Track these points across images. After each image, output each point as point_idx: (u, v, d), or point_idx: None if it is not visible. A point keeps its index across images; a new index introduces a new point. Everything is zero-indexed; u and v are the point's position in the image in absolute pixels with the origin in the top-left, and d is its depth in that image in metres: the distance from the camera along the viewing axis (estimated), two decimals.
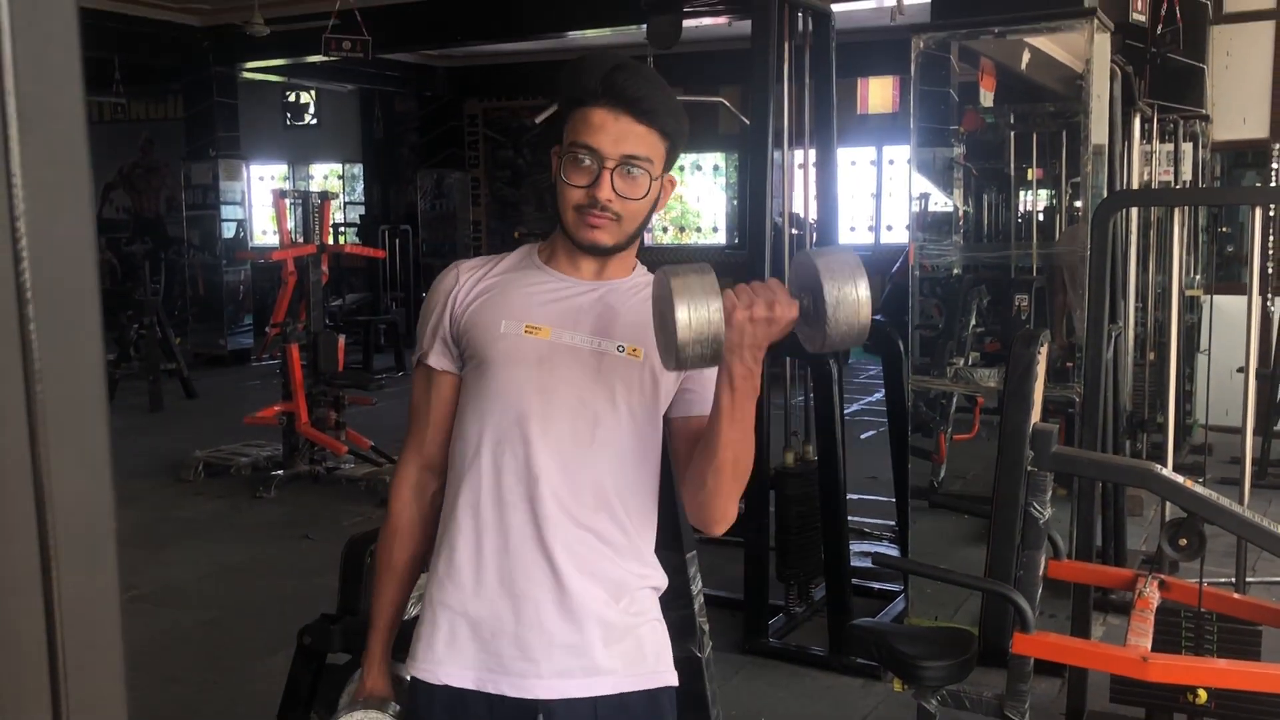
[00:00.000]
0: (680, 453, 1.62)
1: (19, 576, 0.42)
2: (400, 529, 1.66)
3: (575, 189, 1.54)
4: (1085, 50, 3.65)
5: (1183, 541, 2.67)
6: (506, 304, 1.59)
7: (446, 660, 1.55)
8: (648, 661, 1.59)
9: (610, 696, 1.54)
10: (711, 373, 1.57)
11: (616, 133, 1.52)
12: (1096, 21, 3.63)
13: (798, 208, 4.66)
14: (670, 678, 1.62)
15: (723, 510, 1.55)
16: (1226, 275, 7.77)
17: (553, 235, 1.66)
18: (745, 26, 4.03)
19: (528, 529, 1.53)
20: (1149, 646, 2.48)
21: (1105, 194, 4.19)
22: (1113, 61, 4.34)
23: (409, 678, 1.58)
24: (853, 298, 1.41)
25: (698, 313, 1.33)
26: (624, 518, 1.58)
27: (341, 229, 14.19)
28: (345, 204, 15.52)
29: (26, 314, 0.40)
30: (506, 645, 1.53)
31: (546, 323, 1.57)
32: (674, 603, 1.88)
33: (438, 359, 1.63)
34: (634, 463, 1.59)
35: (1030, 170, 5.36)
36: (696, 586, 2.59)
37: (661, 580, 1.65)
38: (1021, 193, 5.44)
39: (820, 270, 1.41)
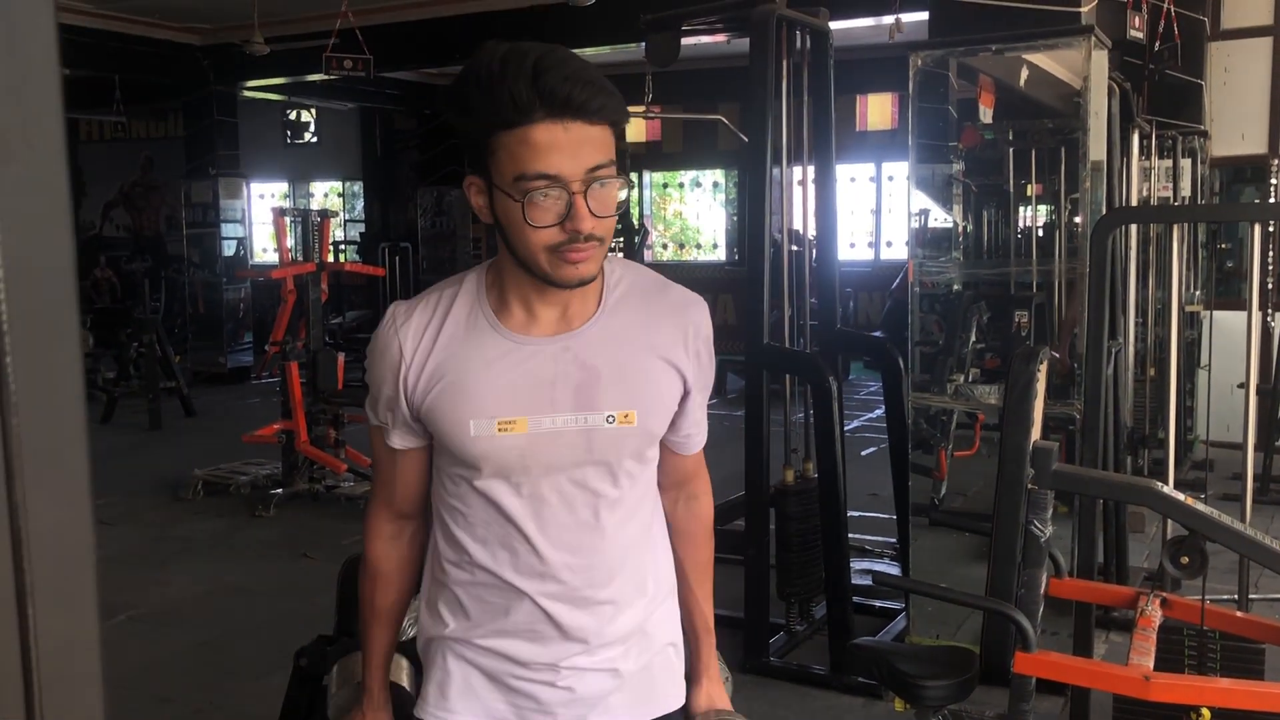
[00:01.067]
0: (662, 471, 1.60)
1: None
2: (381, 575, 1.59)
3: (546, 230, 1.30)
4: (1083, 68, 3.65)
5: (1185, 560, 2.65)
6: (468, 396, 1.40)
7: (460, 710, 1.51)
8: (656, 691, 1.58)
9: None
10: (701, 411, 1.58)
11: (572, 146, 1.27)
12: (1094, 39, 3.64)
13: (797, 224, 4.67)
14: (677, 699, 1.62)
15: None
16: (1226, 291, 7.76)
17: (498, 271, 1.44)
18: (744, 44, 4.04)
19: (538, 617, 1.46)
20: (1152, 666, 2.46)
21: (1104, 210, 4.19)
22: (1110, 78, 4.35)
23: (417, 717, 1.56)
24: None
25: None
26: (639, 577, 1.52)
27: (342, 246, 14.20)
28: (345, 221, 15.54)
29: (3, 345, 0.39)
30: (523, 699, 1.50)
31: (519, 412, 1.39)
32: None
33: (401, 439, 1.49)
34: (642, 523, 1.53)
35: (1029, 186, 5.37)
36: None
37: (674, 607, 1.63)
38: (1021, 209, 5.45)
39: None
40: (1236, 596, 3.41)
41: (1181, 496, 2.58)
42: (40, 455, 0.40)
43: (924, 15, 4.81)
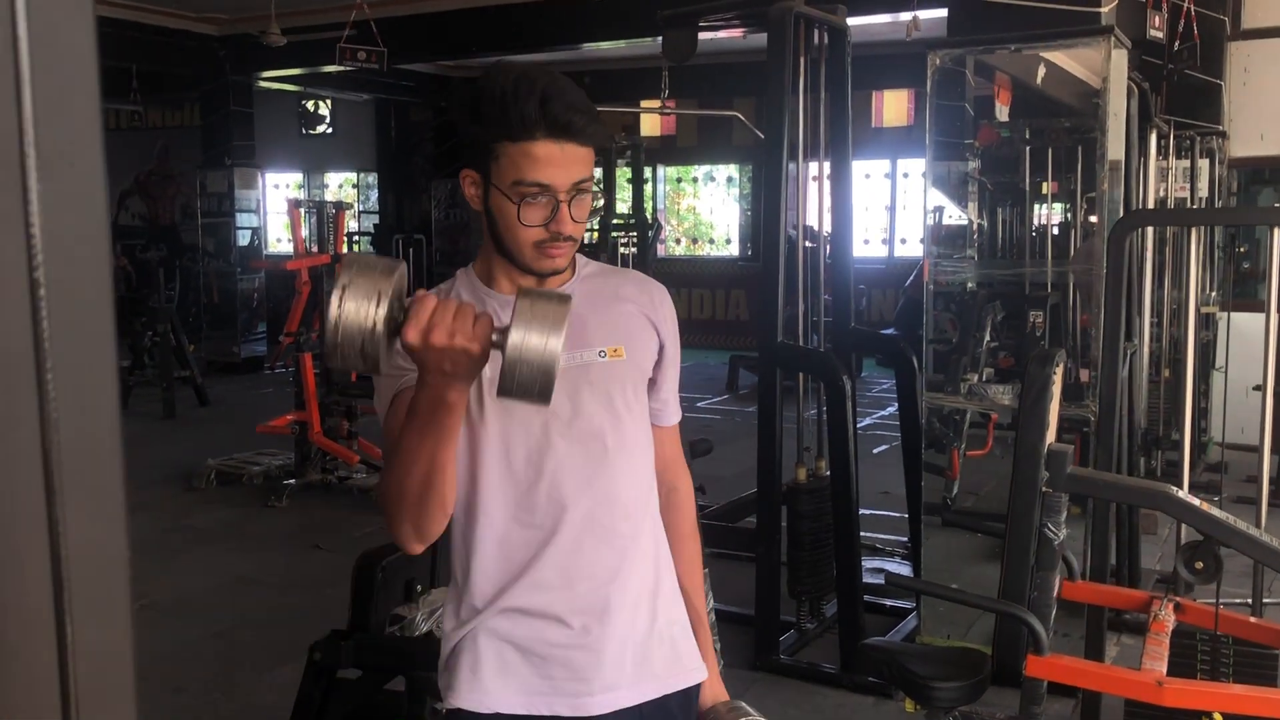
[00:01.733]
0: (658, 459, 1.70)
1: (33, 626, 0.41)
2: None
3: (534, 229, 1.50)
4: (1103, 68, 3.64)
5: (1199, 564, 2.65)
6: None
7: (495, 689, 1.55)
8: (682, 661, 1.65)
9: (653, 701, 1.60)
10: (673, 380, 1.70)
11: (565, 163, 1.48)
12: (1113, 39, 3.62)
13: (812, 220, 4.66)
14: (700, 673, 1.69)
15: None
16: (1243, 292, 7.72)
17: (485, 257, 1.61)
18: (760, 38, 4.04)
19: (563, 557, 1.55)
20: (1164, 670, 2.46)
21: (1121, 211, 4.17)
22: (1129, 78, 4.33)
23: (453, 709, 1.56)
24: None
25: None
26: (649, 522, 1.63)
27: (356, 238, 14.23)
28: (360, 213, 15.57)
29: (44, 360, 0.39)
30: (556, 668, 1.55)
31: None
32: None
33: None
34: (645, 462, 1.64)
35: (1045, 185, 5.35)
36: (709, 604, 2.58)
37: (677, 586, 1.70)
38: (1036, 207, 5.43)
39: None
40: (1250, 601, 3.39)
41: (1196, 501, 2.57)
42: (77, 470, 0.40)
43: (941, 12, 4.80)
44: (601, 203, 1.52)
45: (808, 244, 4.52)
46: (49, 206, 0.40)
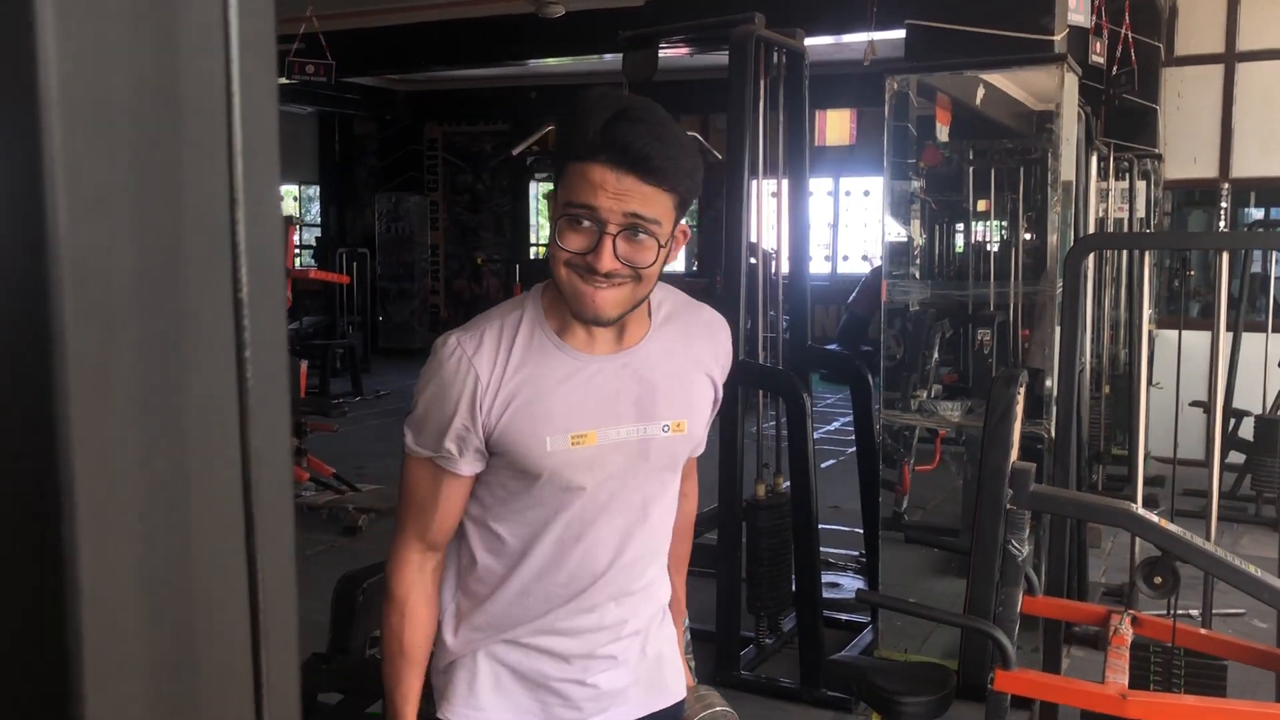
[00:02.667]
0: None
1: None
2: (410, 612, 1.56)
3: (569, 254, 1.39)
4: (1056, 93, 3.74)
5: (1158, 579, 2.73)
6: (544, 413, 1.47)
7: (489, 707, 1.57)
8: (666, 682, 1.68)
9: (638, 718, 1.65)
10: (705, 416, 1.66)
11: (618, 192, 1.35)
12: (1066, 65, 3.72)
13: (768, 237, 4.70)
14: (681, 690, 1.72)
15: None
16: (1175, 310, 7.94)
17: (554, 295, 1.49)
18: (710, 58, 4.09)
19: (580, 610, 1.56)
20: (1126, 683, 2.52)
21: (1071, 231, 4.28)
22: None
23: (442, 717, 1.59)
24: None
25: None
26: (661, 564, 1.66)
27: (298, 251, 14.08)
28: (301, 225, 15.41)
29: (245, 374, 0.41)
30: (550, 696, 1.58)
31: (590, 426, 1.48)
32: None
33: (470, 467, 1.51)
34: (668, 523, 1.66)
35: (984, 203, 5.46)
36: (685, 621, 2.60)
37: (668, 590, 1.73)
38: (979, 225, 5.53)
39: None
40: (1199, 613, 3.49)
41: (1155, 518, 2.64)
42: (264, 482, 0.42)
43: (898, 34, 4.88)
44: (661, 258, 1.38)
45: (752, 260, 4.56)
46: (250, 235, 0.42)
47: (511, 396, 1.46)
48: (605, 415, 1.50)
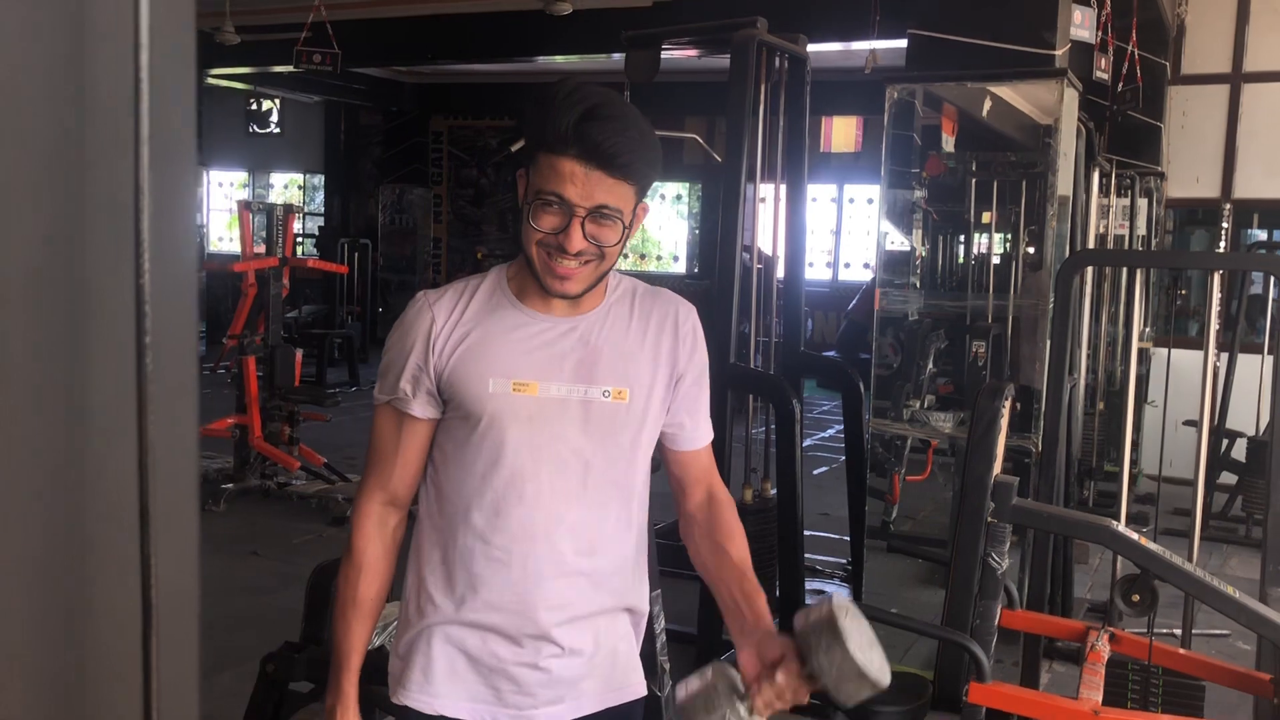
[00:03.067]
0: (674, 478, 1.72)
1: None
2: (366, 564, 1.63)
3: (542, 234, 1.51)
4: (1055, 108, 3.74)
5: (1135, 597, 2.73)
6: (490, 357, 1.57)
7: (444, 694, 1.59)
8: (620, 676, 1.67)
9: (591, 715, 1.64)
10: (699, 403, 1.69)
11: (587, 186, 1.47)
12: (1066, 81, 3.72)
13: (764, 242, 4.70)
14: (641, 689, 1.71)
15: None
16: (1176, 328, 7.94)
17: (519, 266, 1.63)
18: (715, 60, 4.09)
19: (524, 579, 1.57)
20: (1100, 700, 2.52)
21: (1067, 245, 4.28)
22: (1077, 118, 4.45)
23: (401, 704, 1.60)
24: (878, 664, 1.37)
25: None
26: (615, 555, 1.63)
27: (300, 240, 14.10)
28: (304, 214, 15.42)
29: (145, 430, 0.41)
30: (504, 681, 1.59)
31: (532, 376, 1.57)
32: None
33: (422, 409, 1.61)
34: (623, 501, 1.63)
35: (987, 215, 5.46)
36: (659, 625, 2.61)
37: (640, 600, 1.70)
38: (978, 236, 5.54)
39: (854, 653, 1.35)
40: (1180, 632, 3.49)
41: (1136, 536, 2.64)
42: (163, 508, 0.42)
43: (900, 43, 4.89)
44: (624, 236, 1.46)
45: (758, 266, 4.56)
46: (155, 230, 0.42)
47: (462, 339, 1.58)
48: (548, 370, 1.57)
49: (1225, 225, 7.87)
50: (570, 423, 1.57)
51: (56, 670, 0.40)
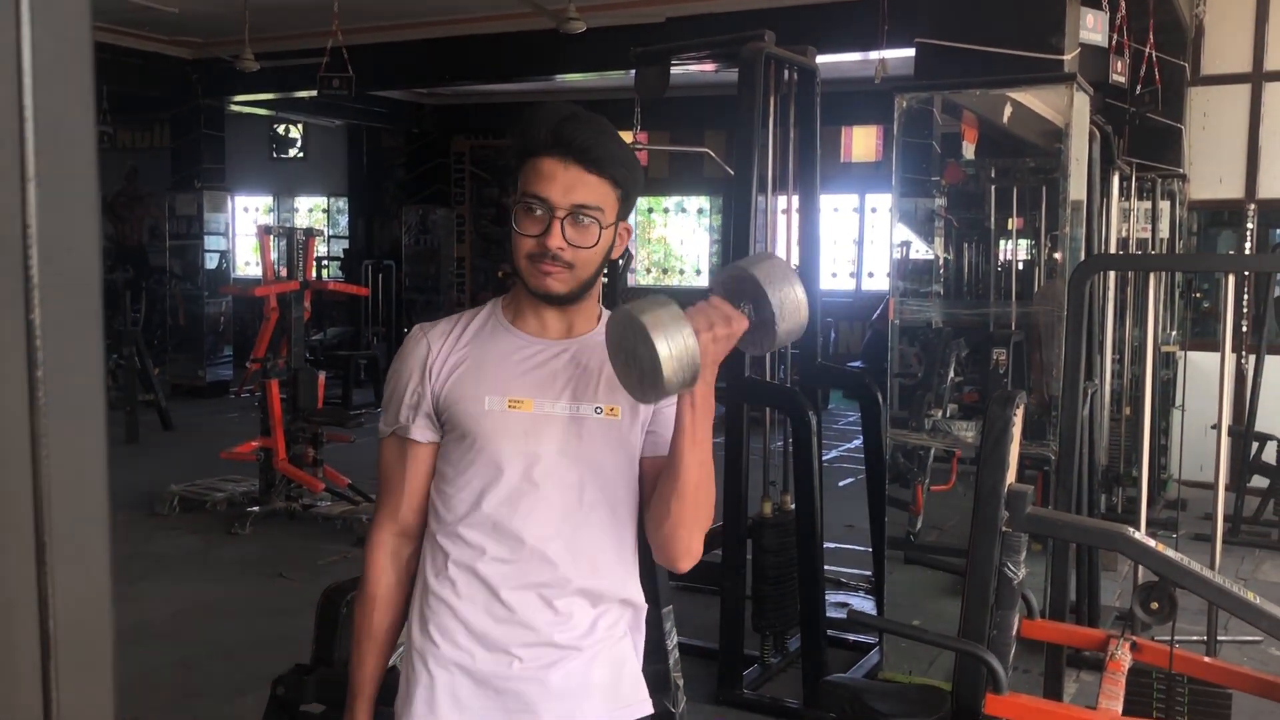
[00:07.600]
0: (647, 493, 1.69)
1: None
2: (379, 596, 1.68)
3: (527, 238, 1.58)
4: (1065, 113, 3.71)
5: (1154, 605, 2.69)
6: (485, 377, 1.63)
7: (449, 717, 1.59)
8: (625, 695, 1.67)
9: None
10: (670, 411, 1.67)
11: (566, 182, 1.56)
12: (1075, 85, 3.70)
13: (779, 252, 4.70)
14: (646, 707, 1.70)
15: (687, 543, 1.60)
16: (1202, 332, 7.85)
17: (515, 289, 1.69)
18: (732, 73, 4.09)
19: (525, 595, 1.59)
20: (1120, 710, 2.49)
21: (1083, 250, 4.24)
22: (1092, 122, 4.41)
23: None
24: (794, 299, 1.48)
25: (675, 343, 1.40)
26: (613, 571, 1.65)
27: (324, 263, 14.20)
28: (329, 238, 15.53)
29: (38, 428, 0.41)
30: (510, 699, 1.59)
31: (527, 394, 1.61)
32: (650, 656, 1.90)
33: (421, 433, 1.66)
34: (619, 517, 1.65)
35: (1010, 221, 5.42)
36: (672, 641, 2.60)
37: (635, 594, 1.71)
38: (1001, 243, 5.50)
39: (760, 280, 1.47)
40: (1205, 639, 3.44)
41: (1152, 542, 2.61)
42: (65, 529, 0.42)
43: (908, 51, 4.88)
44: (603, 241, 1.51)
45: None
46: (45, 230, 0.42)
47: (459, 363, 1.64)
48: (543, 389, 1.62)
49: (1250, 226, 7.78)
50: (565, 439, 1.60)
51: None
